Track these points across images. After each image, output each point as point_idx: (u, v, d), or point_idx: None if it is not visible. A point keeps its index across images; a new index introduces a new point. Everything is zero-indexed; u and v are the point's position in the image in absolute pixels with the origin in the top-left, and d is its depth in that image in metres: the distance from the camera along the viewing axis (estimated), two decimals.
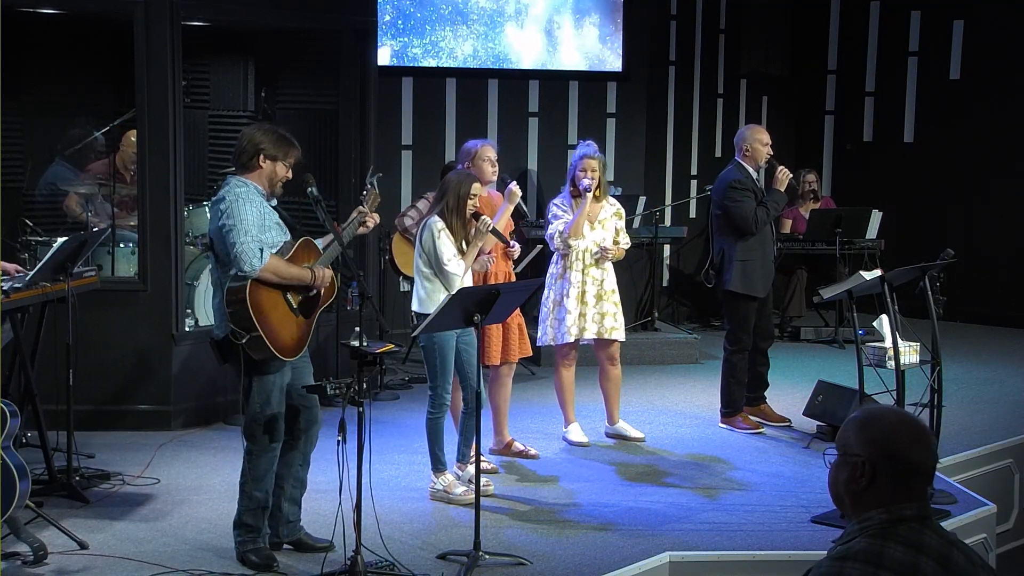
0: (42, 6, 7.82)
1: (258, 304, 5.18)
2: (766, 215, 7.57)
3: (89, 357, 7.17)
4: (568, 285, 7.25)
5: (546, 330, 7.32)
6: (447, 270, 6.27)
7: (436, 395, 6.33)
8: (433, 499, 6.30)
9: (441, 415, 6.35)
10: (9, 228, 7.41)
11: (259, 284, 5.19)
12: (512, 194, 6.78)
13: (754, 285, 7.64)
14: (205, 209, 8.21)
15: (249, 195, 5.27)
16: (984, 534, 6.25)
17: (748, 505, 6.32)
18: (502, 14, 11.09)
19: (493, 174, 6.86)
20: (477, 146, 6.85)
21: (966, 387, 9.01)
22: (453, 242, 6.31)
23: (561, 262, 7.31)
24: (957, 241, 10.20)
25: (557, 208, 7.31)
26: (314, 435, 5.59)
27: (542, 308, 7.38)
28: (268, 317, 5.20)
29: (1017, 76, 11.68)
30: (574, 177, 7.26)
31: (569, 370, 7.41)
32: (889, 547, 2.59)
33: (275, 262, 5.22)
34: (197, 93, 9.12)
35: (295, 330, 5.32)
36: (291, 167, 5.40)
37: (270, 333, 5.19)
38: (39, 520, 5.59)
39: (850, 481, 2.69)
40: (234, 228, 5.17)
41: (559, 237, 7.23)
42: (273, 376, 5.30)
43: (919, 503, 2.66)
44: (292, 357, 5.29)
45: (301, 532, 5.59)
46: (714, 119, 12.50)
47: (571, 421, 7.48)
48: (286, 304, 5.29)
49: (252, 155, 5.34)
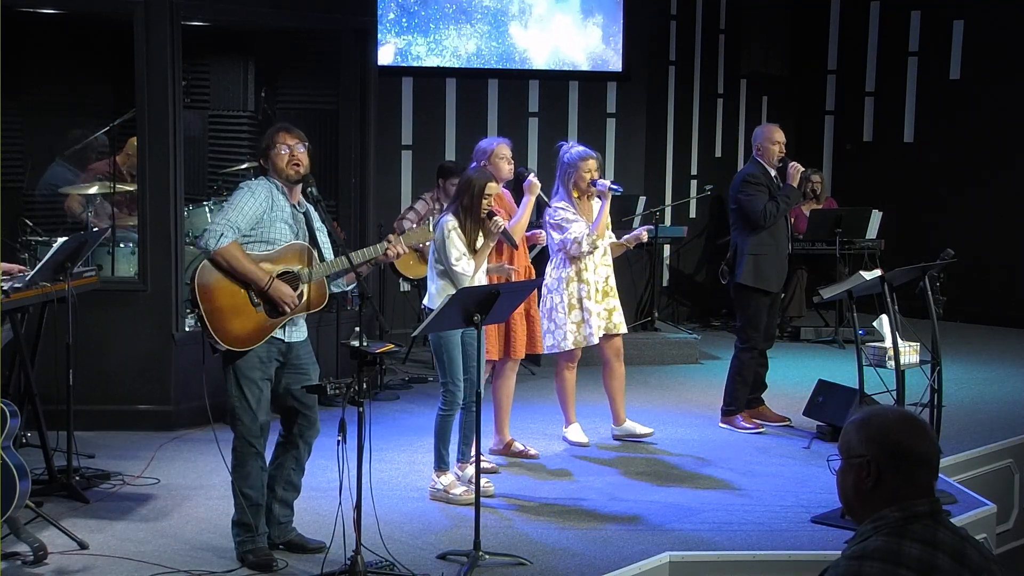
0: (42, 6, 7.82)
1: (207, 286, 5.22)
2: (776, 209, 7.58)
3: (89, 357, 7.18)
4: (586, 287, 7.21)
5: (564, 335, 7.17)
6: (455, 269, 6.27)
7: (447, 391, 6.32)
8: (433, 499, 6.30)
9: (452, 413, 6.34)
10: (9, 228, 7.41)
11: (216, 267, 5.23)
12: (532, 186, 6.79)
13: (766, 279, 7.65)
14: (205, 209, 8.22)
15: (259, 187, 5.32)
16: (984, 534, 6.24)
17: (748, 505, 6.32)
18: (506, 13, 11.10)
19: (509, 172, 6.85)
20: (493, 145, 6.83)
21: (966, 387, 9.01)
22: (464, 241, 6.30)
23: (571, 265, 7.20)
24: (957, 241, 10.18)
25: (566, 212, 7.15)
26: (310, 439, 5.54)
27: (554, 314, 7.20)
28: (216, 301, 5.21)
29: (1017, 76, 11.69)
30: (576, 179, 7.18)
31: (572, 372, 7.40)
32: (906, 544, 2.59)
33: (232, 250, 5.20)
34: (197, 93, 9.12)
35: (251, 323, 5.27)
36: (292, 147, 5.35)
37: (215, 318, 5.21)
38: (39, 520, 5.59)
39: (857, 483, 2.69)
40: (222, 209, 5.32)
41: (587, 241, 7.11)
42: (247, 367, 5.29)
43: (929, 498, 2.67)
44: (236, 347, 5.26)
45: (293, 533, 5.57)
46: (714, 119, 12.50)
47: (572, 421, 7.47)
48: (246, 295, 5.26)
49: (261, 159, 5.47)
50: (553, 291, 7.23)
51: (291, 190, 5.40)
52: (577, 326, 7.20)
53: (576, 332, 7.19)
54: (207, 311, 5.21)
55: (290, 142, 5.37)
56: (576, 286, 7.20)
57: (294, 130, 5.45)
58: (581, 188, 7.21)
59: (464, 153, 10.59)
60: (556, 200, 7.24)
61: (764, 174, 7.69)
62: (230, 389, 5.32)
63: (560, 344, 7.21)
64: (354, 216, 8.85)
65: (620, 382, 7.51)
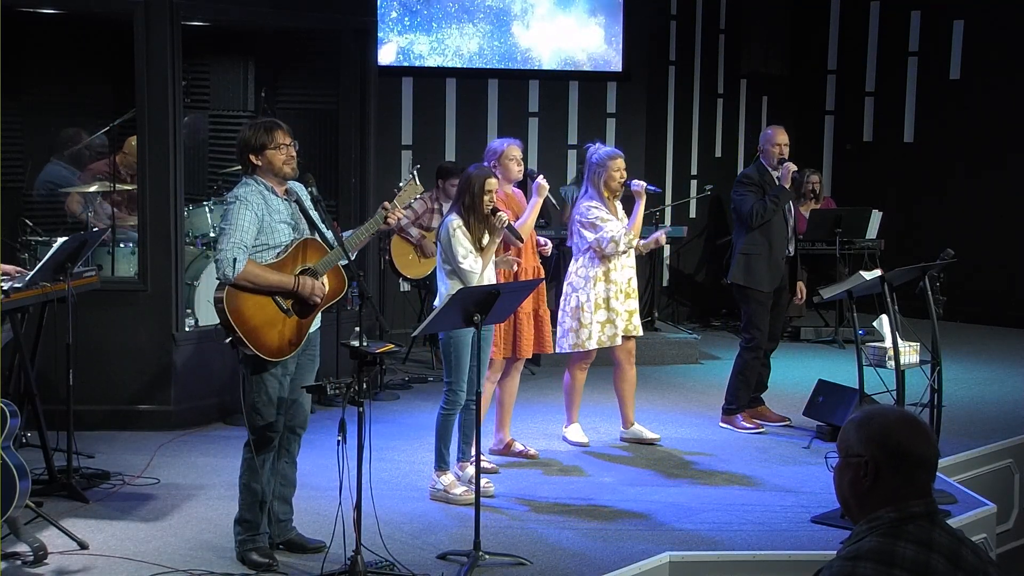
0: (42, 6, 7.81)
1: (238, 310, 5.19)
2: (764, 209, 7.58)
3: (89, 357, 7.18)
4: (613, 287, 7.20)
5: (589, 334, 7.15)
6: (463, 267, 6.27)
7: (450, 391, 6.33)
8: (433, 499, 6.30)
9: (454, 412, 6.35)
10: (9, 228, 7.40)
11: (239, 290, 5.20)
12: (540, 187, 6.79)
13: (757, 279, 7.66)
14: (205, 209, 8.21)
15: (251, 196, 5.26)
16: (984, 534, 6.25)
17: (748, 505, 6.32)
18: (508, 12, 11.10)
19: (519, 173, 6.88)
20: (504, 146, 6.86)
21: (966, 387, 9.01)
22: (470, 239, 6.30)
23: (600, 265, 7.19)
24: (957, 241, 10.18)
25: (599, 211, 7.13)
26: (299, 426, 5.50)
27: (580, 313, 7.17)
28: (251, 321, 5.20)
29: (1017, 76, 11.68)
30: (607, 179, 7.14)
31: (584, 372, 7.39)
32: (900, 545, 2.59)
33: (252, 269, 5.19)
34: (197, 93, 9.12)
35: (285, 331, 5.29)
36: (289, 145, 5.33)
37: (252, 335, 5.20)
38: (39, 520, 5.59)
39: (855, 482, 2.68)
40: (223, 232, 5.24)
41: (624, 240, 7.09)
42: (269, 372, 5.29)
43: (925, 499, 2.66)
44: (279, 357, 5.27)
45: (293, 532, 5.57)
46: (714, 119, 12.50)
47: (574, 421, 7.47)
48: (275, 305, 5.27)
49: (244, 157, 5.35)
50: (579, 289, 7.20)
51: (278, 185, 5.37)
52: (602, 326, 7.19)
53: (601, 332, 7.18)
54: (245, 332, 5.19)
55: (287, 140, 5.36)
56: (604, 286, 7.18)
57: (286, 127, 5.42)
58: (612, 188, 7.19)
59: (464, 153, 10.60)
60: (586, 199, 7.22)
61: (761, 175, 7.70)
62: (251, 385, 5.31)
63: (584, 343, 7.18)
64: (354, 216, 8.84)
65: (631, 385, 7.51)
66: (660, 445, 7.44)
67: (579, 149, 11.31)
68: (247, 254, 5.18)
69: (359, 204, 8.90)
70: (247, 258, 5.17)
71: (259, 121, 5.49)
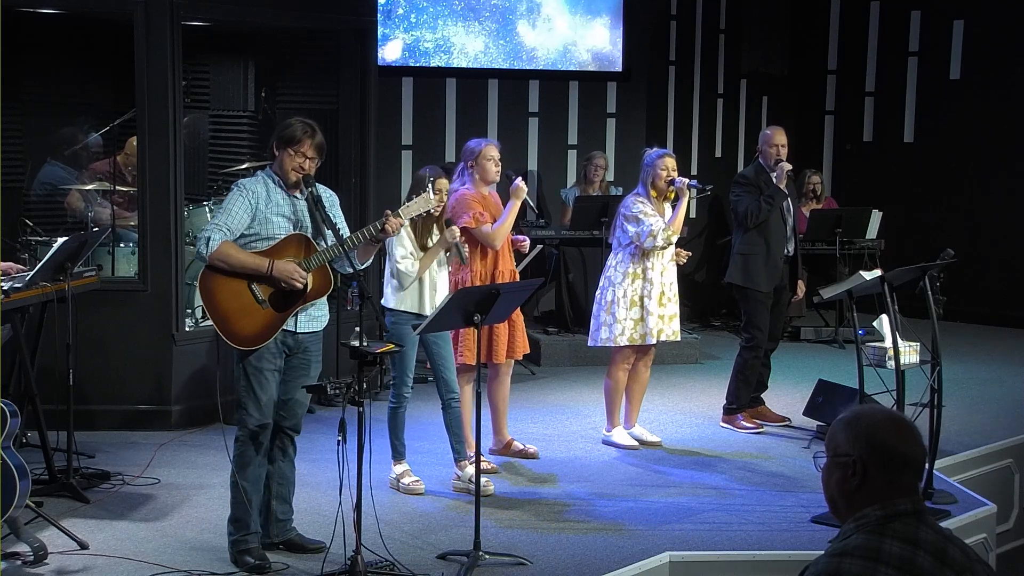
0: (42, 6, 7.81)
1: (210, 291, 5.23)
2: (758, 209, 7.58)
3: (89, 357, 7.18)
4: (651, 286, 7.17)
5: (622, 330, 7.13)
6: (399, 268, 6.28)
7: (394, 385, 6.42)
8: (390, 487, 6.36)
9: (400, 406, 6.42)
10: (9, 228, 7.40)
11: (215, 272, 5.22)
12: (518, 190, 6.73)
13: (754, 279, 7.66)
14: (205, 209, 8.21)
15: (252, 185, 5.31)
16: (984, 534, 6.25)
17: (748, 505, 6.32)
18: (514, 11, 11.11)
19: (497, 174, 6.80)
20: (481, 145, 6.78)
21: (966, 387, 9.01)
22: (413, 242, 6.30)
23: (638, 262, 7.18)
24: (957, 241, 10.19)
25: (644, 206, 7.12)
26: (292, 428, 5.49)
27: (614, 308, 7.15)
28: (223, 305, 5.22)
29: (1017, 76, 11.68)
30: (654, 176, 7.14)
31: (626, 373, 7.35)
32: (886, 542, 2.60)
33: (225, 248, 5.19)
34: (197, 93, 9.12)
35: (258, 321, 5.26)
36: (305, 158, 5.32)
37: (222, 320, 5.22)
38: (39, 520, 5.59)
39: (842, 481, 2.70)
40: (214, 214, 5.25)
41: (662, 235, 7.07)
42: (257, 359, 5.28)
43: (912, 497, 2.67)
44: (251, 347, 5.26)
45: (293, 532, 5.56)
46: (714, 119, 12.50)
47: (617, 424, 7.42)
48: (251, 294, 5.25)
49: (271, 143, 5.44)
50: (615, 284, 7.19)
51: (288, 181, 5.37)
52: (635, 323, 7.17)
53: (633, 329, 7.17)
54: (214, 317, 5.23)
55: (311, 154, 5.34)
56: (640, 283, 7.17)
57: (321, 143, 5.39)
58: (659, 187, 7.19)
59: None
60: (634, 195, 7.23)
61: (758, 175, 7.70)
62: (239, 380, 5.32)
63: (616, 339, 7.17)
64: (354, 216, 8.82)
65: (642, 387, 7.51)
66: (661, 445, 7.44)
67: (578, 149, 11.37)
68: (226, 236, 5.18)
69: (359, 204, 8.89)
70: (224, 240, 5.17)
71: (305, 122, 5.47)
